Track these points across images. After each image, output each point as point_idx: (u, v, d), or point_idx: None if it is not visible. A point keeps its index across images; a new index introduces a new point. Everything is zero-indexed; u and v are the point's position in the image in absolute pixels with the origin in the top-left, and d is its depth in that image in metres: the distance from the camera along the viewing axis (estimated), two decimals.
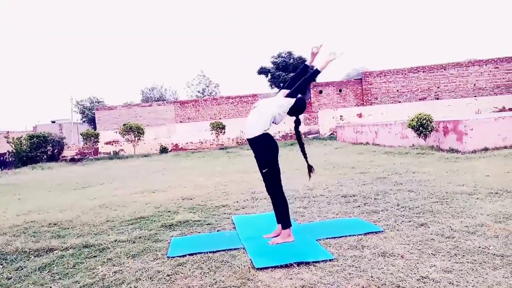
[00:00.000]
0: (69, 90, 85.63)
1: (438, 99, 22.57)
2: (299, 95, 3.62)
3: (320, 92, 23.50)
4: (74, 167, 15.75)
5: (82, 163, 18.05)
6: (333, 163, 9.54)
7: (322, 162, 10.04)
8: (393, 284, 2.43)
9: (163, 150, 20.67)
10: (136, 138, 20.06)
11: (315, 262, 2.90)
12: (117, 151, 22.11)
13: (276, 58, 24.91)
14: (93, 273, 3.01)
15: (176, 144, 22.91)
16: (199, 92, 45.77)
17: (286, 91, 3.64)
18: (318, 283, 2.54)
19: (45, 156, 18.15)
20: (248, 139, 3.55)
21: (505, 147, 9.24)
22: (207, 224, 4.36)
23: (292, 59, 24.77)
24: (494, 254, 2.79)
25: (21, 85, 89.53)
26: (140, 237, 3.95)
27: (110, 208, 5.69)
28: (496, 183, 5.29)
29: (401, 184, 5.91)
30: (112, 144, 22.69)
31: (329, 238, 3.48)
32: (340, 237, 3.50)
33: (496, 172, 6.25)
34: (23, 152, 16.59)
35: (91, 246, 3.76)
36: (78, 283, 2.80)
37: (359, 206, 4.68)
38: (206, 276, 2.77)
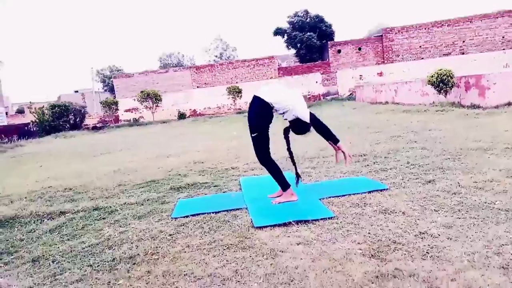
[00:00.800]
0: (90, 60, 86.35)
1: (463, 54, 21.56)
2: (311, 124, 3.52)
3: (339, 51, 22.81)
4: (95, 135, 16.14)
5: (104, 131, 18.46)
6: (348, 123, 9.37)
7: (338, 123, 9.87)
8: (390, 239, 2.40)
9: (181, 116, 20.84)
10: (154, 105, 20.24)
11: (315, 220, 2.89)
12: (136, 118, 22.45)
13: (292, 18, 24.07)
14: (100, 234, 3.11)
15: (194, 110, 23.01)
16: (216, 56, 45.36)
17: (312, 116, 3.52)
18: (315, 240, 2.54)
19: (67, 125, 18.63)
20: (254, 96, 3.47)
21: None
22: (214, 186, 4.40)
23: (309, 18, 23.88)
24: (499, 209, 2.71)
25: (44, 57, 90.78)
26: (148, 200, 4.04)
27: (124, 173, 5.82)
28: None
29: (415, 142, 5.76)
30: (132, 112, 23.02)
31: (332, 197, 3.45)
32: (344, 195, 3.47)
33: None
34: (46, 122, 17.06)
35: (101, 209, 3.87)
36: (84, 243, 2.91)
37: (368, 165, 4.61)
38: (206, 235, 2.82)
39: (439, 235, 2.40)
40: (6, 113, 26.11)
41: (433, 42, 21.83)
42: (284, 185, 3.53)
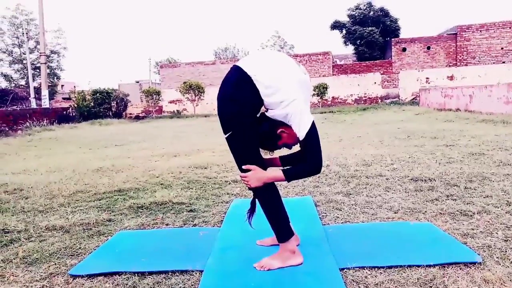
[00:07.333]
0: (152, 52, 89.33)
1: None
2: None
3: (404, 49, 20.32)
4: (131, 125, 15.38)
5: (144, 121, 17.77)
6: (409, 131, 7.45)
7: (395, 130, 7.99)
8: None
9: None
10: (197, 97, 19.21)
11: None
12: (180, 110, 21.62)
13: (353, 11, 21.94)
14: None
15: None
16: None
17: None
18: None
19: (109, 112, 18.16)
20: (232, 67, 1.89)
21: None
22: (189, 211, 2.91)
23: (372, 11, 21.58)
24: None
25: (108, 50, 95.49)
26: (80, 225, 2.64)
27: (103, 174, 4.53)
28: None
29: (510, 165, 3.86)
30: (176, 103, 22.24)
31: (367, 268, 1.81)
32: (391, 267, 1.81)
33: None
34: (85, 107, 16.61)
35: (8, 232, 2.54)
36: None
37: (437, 200, 2.86)
38: None
39: None
40: (54, 97, 26.62)
41: None
42: (282, 234, 1.95)
